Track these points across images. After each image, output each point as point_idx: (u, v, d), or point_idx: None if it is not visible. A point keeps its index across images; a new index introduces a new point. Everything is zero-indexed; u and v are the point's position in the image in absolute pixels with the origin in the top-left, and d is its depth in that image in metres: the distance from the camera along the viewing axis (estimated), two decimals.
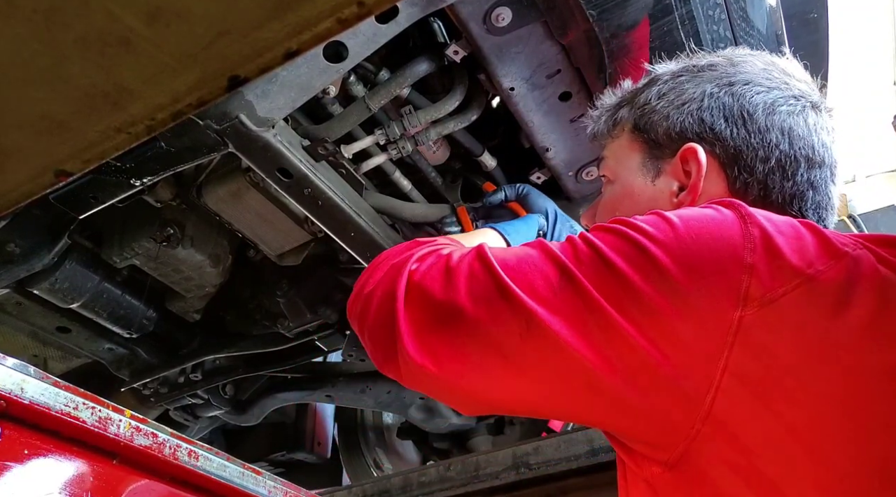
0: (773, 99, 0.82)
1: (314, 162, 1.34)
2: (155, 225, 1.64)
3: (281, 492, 1.13)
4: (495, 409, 0.77)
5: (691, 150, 0.83)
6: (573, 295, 0.66)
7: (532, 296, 0.67)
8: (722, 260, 0.62)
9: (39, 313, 1.86)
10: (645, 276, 0.63)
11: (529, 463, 1.86)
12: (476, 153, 1.58)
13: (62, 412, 0.80)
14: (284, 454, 2.85)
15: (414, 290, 0.75)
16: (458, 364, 0.71)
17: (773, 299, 0.60)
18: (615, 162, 0.93)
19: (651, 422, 0.64)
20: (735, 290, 0.61)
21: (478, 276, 0.72)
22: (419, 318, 0.74)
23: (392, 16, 1.17)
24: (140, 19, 0.62)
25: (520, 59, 1.31)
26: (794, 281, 0.61)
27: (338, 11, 0.61)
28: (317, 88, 1.23)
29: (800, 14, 1.65)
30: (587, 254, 0.68)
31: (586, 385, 0.65)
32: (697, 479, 0.62)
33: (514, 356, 0.67)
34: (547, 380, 0.67)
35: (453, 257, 0.77)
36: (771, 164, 0.80)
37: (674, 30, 1.25)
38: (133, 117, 0.72)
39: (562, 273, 0.68)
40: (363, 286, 0.85)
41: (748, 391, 0.59)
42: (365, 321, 0.81)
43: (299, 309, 1.87)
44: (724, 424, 0.60)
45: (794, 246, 0.63)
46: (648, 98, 0.89)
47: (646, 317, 0.62)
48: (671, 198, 0.85)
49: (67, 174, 0.78)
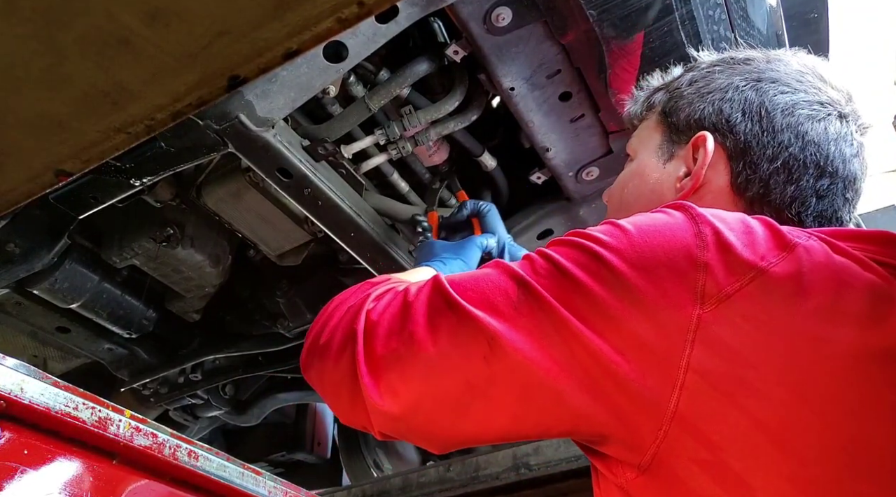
0: (795, 100, 0.81)
1: (314, 162, 1.34)
2: (155, 225, 1.64)
3: (281, 492, 1.13)
4: (465, 442, 0.75)
5: (702, 138, 0.84)
6: (533, 307, 0.66)
7: (492, 314, 0.67)
8: (676, 260, 0.63)
9: (39, 313, 1.86)
10: (601, 282, 0.64)
11: (530, 464, 1.86)
12: (476, 153, 1.58)
13: (62, 412, 0.80)
14: (284, 454, 2.85)
15: (373, 330, 0.74)
16: (421, 400, 0.70)
17: (728, 295, 0.61)
18: (638, 141, 0.95)
19: (620, 427, 0.64)
20: (691, 289, 0.61)
21: (435, 306, 0.71)
22: (379, 358, 0.72)
23: (392, 16, 1.17)
24: (140, 19, 0.62)
25: (520, 59, 1.31)
26: (748, 275, 0.61)
27: (338, 11, 0.61)
28: (317, 88, 1.23)
29: (800, 14, 1.65)
30: (544, 266, 0.68)
31: (554, 400, 0.65)
32: (669, 481, 0.63)
33: (479, 382, 0.67)
34: (514, 401, 0.67)
35: (410, 291, 0.76)
36: (777, 164, 0.79)
37: (674, 30, 1.25)
38: (133, 117, 0.72)
39: (520, 286, 0.68)
40: (318, 336, 0.82)
41: (712, 387, 0.60)
42: (324, 373, 0.78)
43: (299, 309, 1.87)
44: (691, 423, 0.60)
45: (744, 241, 0.63)
46: (681, 84, 0.90)
47: (605, 322, 0.63)
48: (676, 182, 0.85)
49: (67, 174, 0.78)
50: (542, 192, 1.66)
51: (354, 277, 1.84)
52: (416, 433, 0.74)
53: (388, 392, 0.71)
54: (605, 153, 1.53)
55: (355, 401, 0.73)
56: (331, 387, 0.77)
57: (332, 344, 0.78)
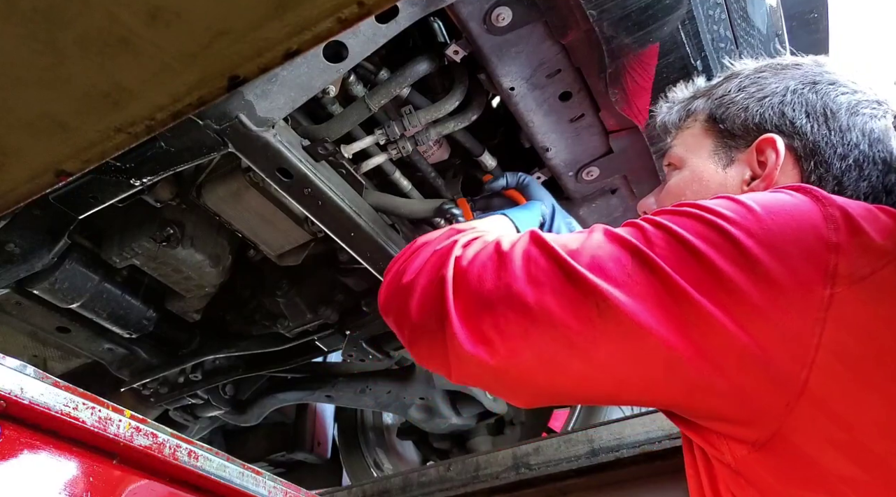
0: (857, 100, 0.83)
1: (314, 162, 1.34)
2: (155, 225, 1.64)
3: (281, 492, 1.13)
4: (558, 399, 0.74)
5: (770, 140, 0.84)
6: (650, 277, 0.64)
7: (604, 278, 0.65)
8: (806, 240, 0.62)
9: (39, 313, 1.86)
10: (731, 260, 0.63)
11: (530, 463, 1.86)
12: (476, 153, 1.58)
13: (62, 412, 0.80)
14: (284, 454, 2.85)
15: (463, 277, 0.72)
16: (517, 352, 0.68)
17: (863, 277, 0.61)
18: (684, 149, 0.94)
19: (739, 402, 0.63)
20: (823, 269, 0.61)
21: (537, 261, 0.69)
22: (471, 306, 0.70)
23: (392, 16, 1.17)
24: (140, 19, 0.62)
25: (520, 59, 1.31)
26: (883, 259, 0.61)
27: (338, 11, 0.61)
28: (317, 88, 1.23)
29: (800, 14, 1.65)
30: (660, 237, 0.67)
31: (667, 368, 0.63)
32: (793, 457, 0.62)
33: (583, 342, 0.65)
34: (620, 364, 0.65)
35: (503, 243, 0.74)
36: (849, 161, 0.81)
37: (674, 30, 1.25)
38: (133, 117, 0.72)
39: (634, 256, 0.66)
40: (400, 276, 0.80)
41: (847, 369, 0.60)
42: (406, 313, 0.77)
43: (299, 309, 1.87)
44: (822, 401, 0.60)
45: (875, 227, 0.64)
46: (728, 90, 0.91)
47: (733, 300, 0.62)
48: (742, 186, 0.85)
49: (67, 174, 0.78)
50: None
51: (355, 277, 1.84)
52: (505, 384, 0.72)
53: (482, 341, 0.69)
54: (605, 153, 1.53)
55: (435, 345, 0.72)
56: (411, 329, 0.76)
57: (415, 285, 0.76)
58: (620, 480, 1.76)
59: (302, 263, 1.77)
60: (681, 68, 1.26)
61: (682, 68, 1.26)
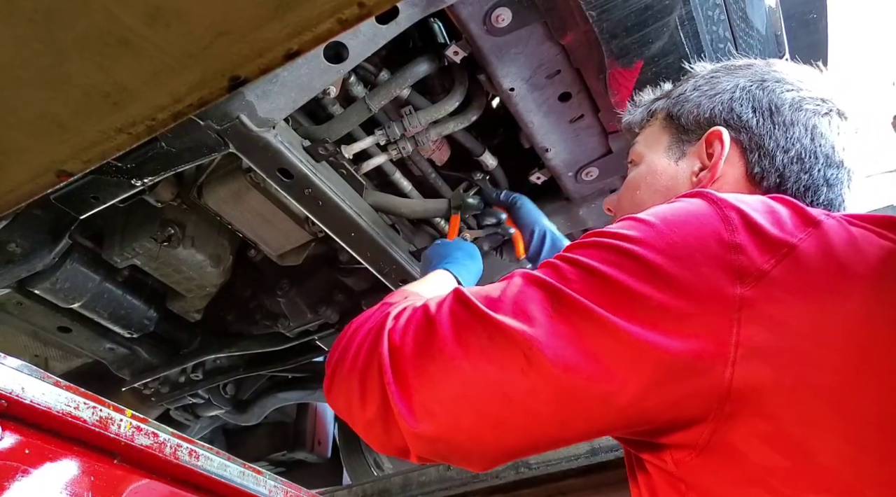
0: (801, 97, 0.86)
1: (315, 162, 1.34)
2: (156, 225, 1.64)
3: (281, 491, 1.13)
4: (511, 456, 0.73)
5: (716, 133, 0.87)
6: (569, 313, 0.65)
7: (527, 323, 0.65)
8: (707, 244, 0.64)
9: (40, 313, 1.86)
10: (637, 276, 0.64)
11: (529, 462, 1.86)
12: (476, 153, 1.58)
13: (63, 412, 0.81)
14: (285, 454, 2.85)
15: (397, 352, 0.72)
16: (460, 418, 0.68)
17: (766, 272, 0.62)
18: (644, 146, 0.97)
19: (674, 413, 0.64)
20: (728, 270, 0.63)
21: (462, 320, 0.69)
22: (409, 380, 0.69)
23: (392, 16, 1.17)
24: (140, 19, 0.62)
25: (520, 60, 1.31)
26: (781, 251, 0.63)
27: (338, 12, 0.61)
28: (317, 89, 1.23)
29: (799, 14, 1.65)
30: (572, 271, 0.68)
31: (603, 400, 0.64)
32: (729, 457, 0.63)
33: (520, 394, 0.65)
34: (559, 409, 0.65)
35: (430, 307, 0.74)
36: (791, 154, 0.84)
37: (673, 30, 1.25)
38: (134, 117, 0.72)
39: (551, 294, 0.67)
40: (339, 364, 0.79)
41: (766, 362, 0.61)
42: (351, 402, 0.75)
43: (300, 309, 1.88)
44: (748, 398, 0.61)
45: (770, 220, 0.65)
46: (685, 89, 0.94)
47: (649, 315, 0.63)
48: (691, 176, 0.88)
49: (68, 174, 0.79)
50: (541, 193, 1.66)
51: (355, 277, 1.84)
52: (458, 453, 0.71)
53: (424, 414, 0.68)
54: (605, 153, 1.53)
55: (389, 427, 0.71)
56: (360, 416, 0.74)
57: (355, 371, 0.75)
58: (620, 480, 1.76)
59: (302, 263, 1.78)
60: (680, 69, 1.26)
61: (681, 69, 1.26)
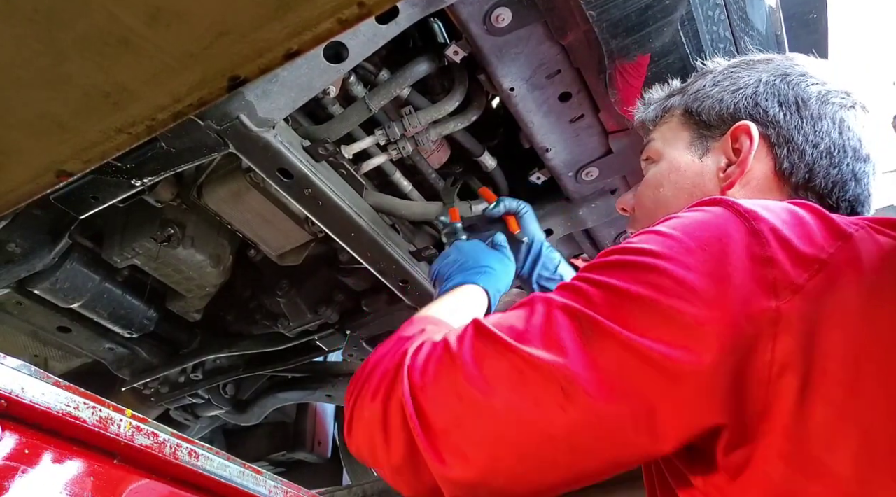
0: (827, 90, 0.85)
1: (314, 162, 1.34)
2: (156, 225, 1.64)
3: (281, 491, 1.13)
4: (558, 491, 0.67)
5: (744, 127, 0.85)
6: (601, 341, 0.61)
7: (560, 355, 0.61)
8: (738, 258, 0.62)
9: (40, 313, 1.86)
10: (669, 294, 0.61)
11: None
12: (476, 153, 1.58)
13: (63, 412, 0.81)
14: (285, 454, 2.85)
15: (419, 393, 0.67)
16: (497, 461, 0.63)
17: (800, 286, 0.61)
18: (662, 143, 0.95)
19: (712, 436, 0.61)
20: (763, 284, 0.60)
21: (487, 355, 0.65)
22: (434, 422, 0.65)
23: (392, 16, 1.17)
24: (140, 19, 0.62)
25: (520, 60, 1.31)
26: (813, 267, 0.61)
27: (338, 12, 0.61)
28: (317, 89, 1.23)
29: (799, 14, 1.65)
30: (598, 295, 0.64)
31: (649, 428, 0.61)
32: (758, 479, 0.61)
33: (560, 430, 0.61)
34: (608, 445, 0.62)
35: (451, 342, 0.69)
36: (821, 149, 0.82)
37: (674, 30, 1.25)
38: (133, 117, 0.72)
39: (580, 322, 0.63)
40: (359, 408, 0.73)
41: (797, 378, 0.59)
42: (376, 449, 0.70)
43: (300, 309, 1.88)
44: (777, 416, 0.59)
45: (799, 234, 0.64)
46: (703, 85, 0.92)
47: (682, 332, 0.60)
48: (718, 172, 0.86)
49: (68, 174, 0.78)
50: (541, 193, 1.66)
51: (355, 277, 1.84)
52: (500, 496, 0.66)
53: (455, 457, 0.64)
54: (605, 153, 1.53)
55: (419, 471, 0.67)
56: (386, 462, 0.70)
57: (375, 414, 0.70)
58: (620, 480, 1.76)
59: (302, 263, 1.78)
60: (680, 69, 1.26)
61: (681, 69, 1.26)
